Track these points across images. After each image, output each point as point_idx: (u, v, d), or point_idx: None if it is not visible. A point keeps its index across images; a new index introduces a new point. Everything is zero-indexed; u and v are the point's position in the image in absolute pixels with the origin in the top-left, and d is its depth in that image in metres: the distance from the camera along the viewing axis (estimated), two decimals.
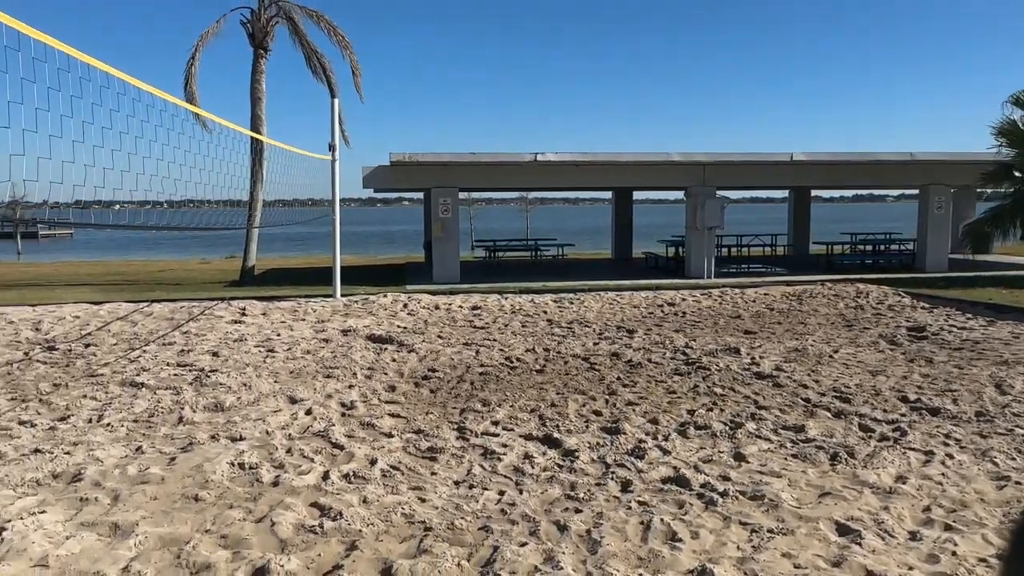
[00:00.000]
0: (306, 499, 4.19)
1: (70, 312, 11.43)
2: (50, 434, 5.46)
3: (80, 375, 7.35)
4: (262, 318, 10.73)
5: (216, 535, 3.70)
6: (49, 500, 4.18)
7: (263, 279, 17.27)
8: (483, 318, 10.60)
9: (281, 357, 8.01)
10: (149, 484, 4.39)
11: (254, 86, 16.88)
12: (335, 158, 12.62)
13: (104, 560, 3.41)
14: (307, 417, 5.82)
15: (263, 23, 16.92)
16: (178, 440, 5.28)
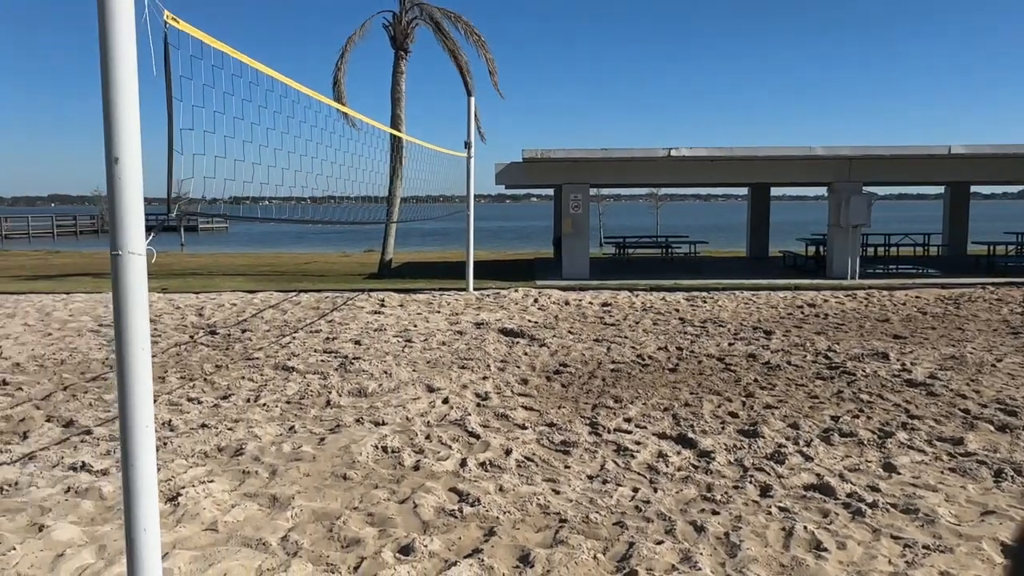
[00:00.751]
0: (445, 484, 4.35)
1: (228, 300, 12.36)
2: (214, 411, 5.94)
3: (238, 358, 7.93)
4: (400, 309, 11.17)
5: (364, 513, 3.91)
6: (216, 471, 4.56)
7: (399, 272, 17.97)
8: (613, 315, 10.55)
9: (418, 347, 8.32)
10: (302, 461, 4.70)
11: (394, 87, 17.55)
12: (471, 155, 12.92)
13: (265, 529, 3.69)
14: (444, 406, 6.02)
15: (404, 25, 17.56)
16: (326, 422, 5.61)
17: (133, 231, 2.70)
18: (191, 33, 3.15)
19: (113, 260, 2.70)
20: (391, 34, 17.70)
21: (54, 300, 12.59)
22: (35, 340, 8.95)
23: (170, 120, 2.99)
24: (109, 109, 2.64)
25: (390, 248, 17.72)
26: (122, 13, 2.63)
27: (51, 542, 3.55)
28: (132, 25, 2.67)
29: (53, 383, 6.90)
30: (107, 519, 3.87)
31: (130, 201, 2.68)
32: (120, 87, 2.64)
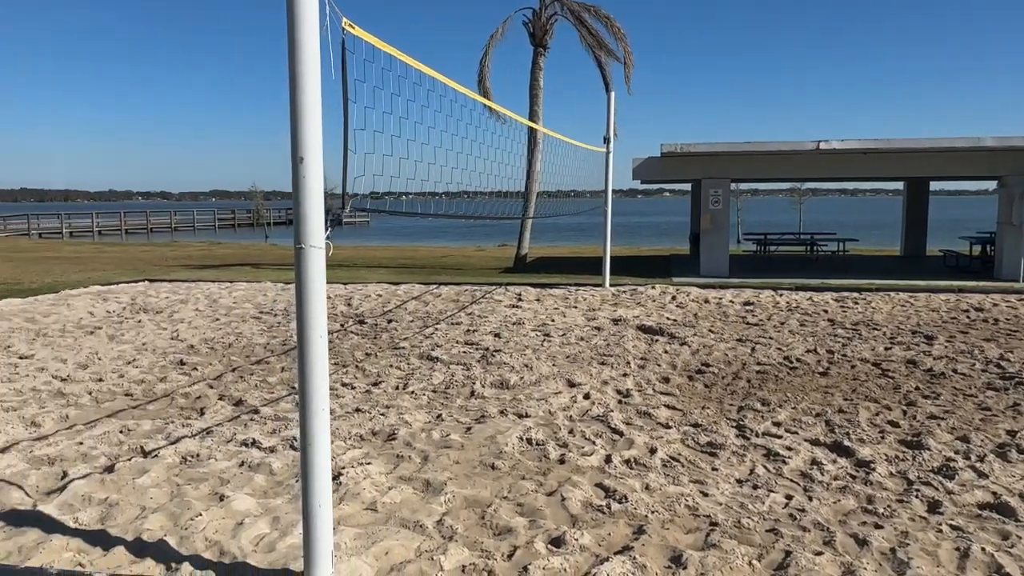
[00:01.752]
0: (591, 479, 4.37)
1: (374, 291, 12.94)
2: (366, 396, 6.24)
3: (385, 347, 8.30)
4: (536, 304, 11.29)
5: (513, 502, 4.00)
6: (372, 454, 4.80)
7: (534, 267, 18.16)
8: (756, 314, 10.20)
9: (557, 342, 8.39)
10: (451, 449, 4.86)
11: (533, 82, 17.76)
12: (609, 150, 12.86)
13: (421, 512, 3.85)
14: (586, 401, 6.04)
15: (543, 22, 17.71)
16: (471, 412, 5.77)
17: (315, 226, 2.89)
18: (364, 38, 3.32)
19: (296, 253, 2.90)
20: (530, 31, 17.90)
21: (219, 288, 13.64)
22: (205, 324, 9.74)
23: (346, 121, 3.17)
24: (296, 112, 2.83)
25: (526, 243, 17.97)
26: (308, 22, 2.81)
27: (231, 511, 3.87)
28: (316, 34, 2.85)
29: (223, 365, 7.49)
30: (278, 493, 4.16)
31: (313, 198, 2.87)
32: (305, 92, 2.82)
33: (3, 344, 8.45)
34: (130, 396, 6.33)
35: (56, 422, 5.59)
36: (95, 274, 17.00)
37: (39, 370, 7.18)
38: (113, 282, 14.67)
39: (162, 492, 4.18)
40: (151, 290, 13.38)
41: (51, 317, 10.35)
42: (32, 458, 4.76)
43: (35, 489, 4.27)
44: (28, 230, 52.22)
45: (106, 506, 3.97)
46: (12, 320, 10.09)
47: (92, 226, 56.10)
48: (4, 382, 6.72)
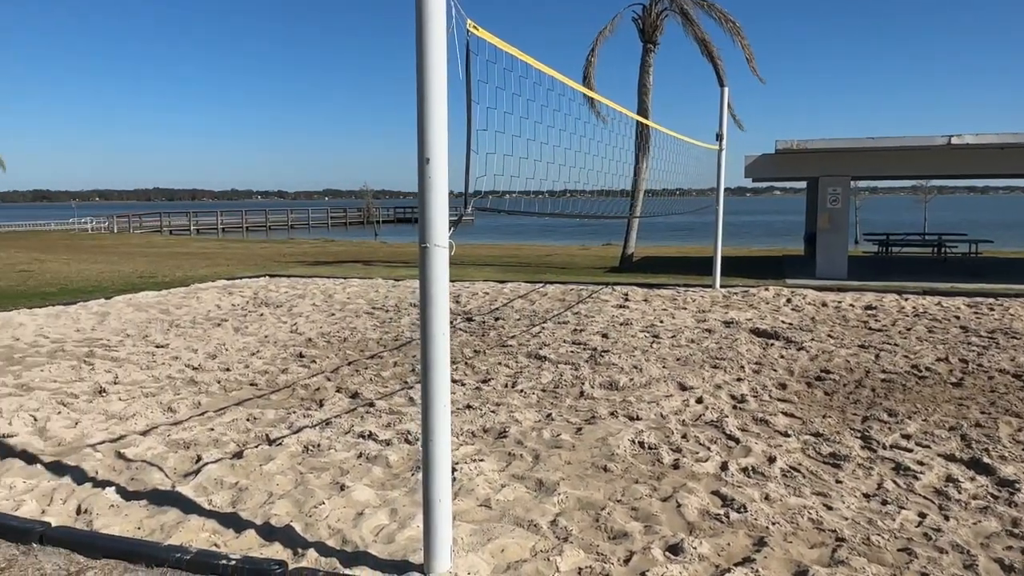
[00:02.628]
0: (707, 486, 4.25)
1: (480, 289, 13.11)
2: (476, 393, 6.32)
3: (493, 344, 8.38)
4: (644, 304, 11.13)
5: (627, 506, 3.95)
6: (484, 451, 4.85)
7: (640, 266, 17.92)
8: (880, 319, 9.67)
9: (666, 343, 8.23)
10: (562, 449, 4.85)
11: (642, 79, 17.51)
12: (722, 148, 12.51)
13: (535, 511, 3.85)
14: (699, 405, 5.89)
15: (653, 17, 17.43)
16: (581, 412, 5.73)
17: (439, 226, 2.93)
18: (488, 39, 3.34)
19: (421, 252, 2.95)
20: (640, 27, 17.66)
21: (334, 284, 14.16)
22: (322, 319, 10.13)
23: (469, 122, 3.20)
24: (422, 114, 2.88)
25: (632, 242, 17.76)
26: (435, 24, 2.86)
27: (352, 501, 4.00)
28: (443, 36, 2.89)
29: (339, 358, 7.76)
30: (395, 486, 4.27)
31: (438, 198, 2.91)
32: (432, 93, 2.87)
33: (142, 333, 9.08)
34: (255, 386, 6.65)
35: (189, 408, 5.94)
36: (220, 269, 18.01)
37: (173, 359, 7.66)
38: (237, 277, 15.49)
39: (287, 479, 4.37)
40: (271, 285, 14.05)
41: (182, 309, 11.04)
42: (169, 441, 5.08)
43: (173, 471, 4.55)
44: (160, 227, 56.01)
45: (236, 490, 4.19)
46: (149, 311, 10.82)
47: (216, 224, 59.54)
48: (144, 369, 7.21)
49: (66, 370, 7.16)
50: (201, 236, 50.24)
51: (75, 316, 10.35)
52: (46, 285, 14.81)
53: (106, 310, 10.91)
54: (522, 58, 3.82)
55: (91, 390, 6.44)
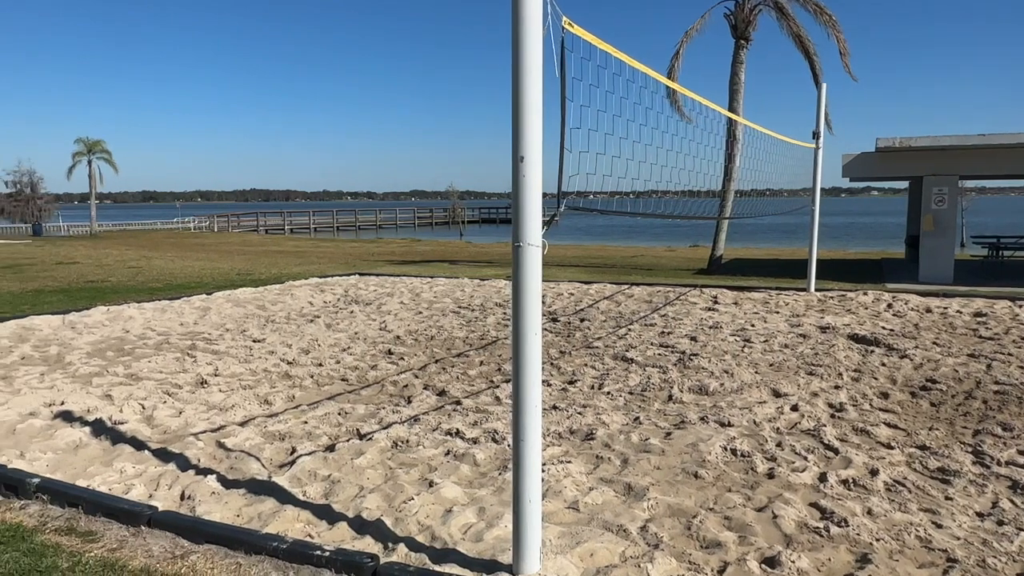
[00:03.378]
0: (804, 497, 4.08)
1: (566, 289, 13.05)
2: (563, 394, 6.28)
3: (579, 345, 8.31)
4: (734, 307, 10.83)
5: (720, 515, 3.83)
6: (571, 452, 4.81)
7: (729, 268, 17.47)
8: (991, 327, 9.10)
9: (758, 348, 7.97)
10: (651, 454, 4.75)
11: (733, 77, 17.06)
12: (818, 146, 12.05)
13: (624, 516, 3.78)
14: (794, 413, 5.67)
15: (746, 13, 16.96)
16: (670, 416, 5.61)
17: (532, 225, 2.91)
18: (583, 36, 3.30)
19: (514, 251, 2.94)
20: (731, 23, 17.22)
21: (421, 282, 14.39)
22: (409, 317, 10.30)
23: (563, 120, 3.17)
24: (517, 112, 2.87)
25: (721, 243, 17.33)
26: (532, 23, 2.84)
27: (440, 498, 4.02)
28: (540, 34, 2.86)
29: (426, 356, 7.87)
30: (482, 484, 4.28)
31: (531, 197, 2.89)
32: (527, 91, 2.85)
33: (240, 328, 9.45)
34: (346, 381, 6.81)
35: (284, 401, 6.13)
36: (313, 267, 18.59)
37: (269, 353, 7.93)
38: (328, 275, 15.94)
39: (377, 473, 4.45)
40: (361, 283, 14.40)
41: (278, 305, 11.43)
42: (266, 433, 5.25)
43: (269, 461, 4.70)
44: (256, 226, 58.34)
45: (329, 482, 4.29)
46: (247, 307, 11.26)
47: (309, 223, 61.59)
48: (242, 362, 7.49)
49: (171, 361, 7.52)
50: (294, 235, 52.06)
51: (179, 310, 10.87)
52: (153, 281, 15.64)
53: (207, 305, 11.42)
54: (615, 55, 3.77)
55: (194, 381, 6.73)
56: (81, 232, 47.22)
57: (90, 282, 15.30)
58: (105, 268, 18.71)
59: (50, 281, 15.41)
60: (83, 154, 49.53)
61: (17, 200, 48.11)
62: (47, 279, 15.84)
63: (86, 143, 49.47)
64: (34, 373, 7.02)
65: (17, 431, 5.32)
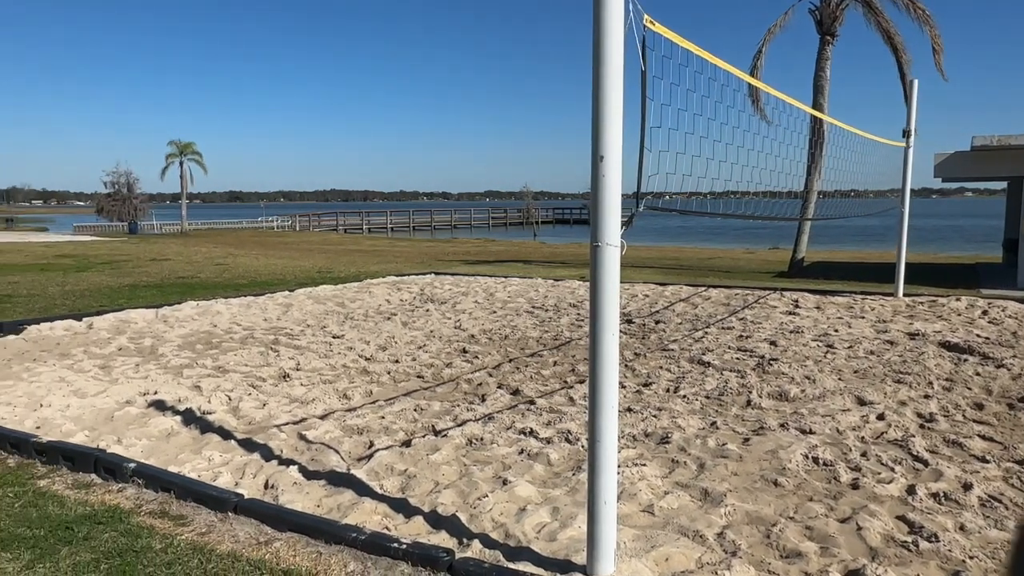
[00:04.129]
0: (891, 510, 3.92)
1: (640, 291, 12.91)
2: (637, 397, 6.21)
3: (655, 348, 8.21)
4: (816, 312, 10.50)
5: (800, 525, 3.72)
6: (646, 455, 4.76)
7: (811, 271, 16.94)
8: None
9: (842, 355, 7.70)
10: (728, 460, 4.65)
11: (818, 74, 16.55)
12: (909, 145, 11.56)
13: (700, 521, 3.72)
14: (880, 422, 5.46)
15: (832, 8, 16.42)
16: (748, 422, 5.48)
17: (612, 225, 2.89)
18: (664, 34, 3.26)
19: (593, 251, 2.93)
20: (817, 19, 16.70)
21: (495, 282, 14.48)
22: (484, 316, 10.38)
23: (643, 119, 3.14)
24: (597, 111, 2.86)
25: (803, 245, 16.83)
26: (613, 22, 2.82)
27: (514, 496, 4.04)
28: (621, 33, 2.85)
29: (500, 355, 7.91)
30: (556, 484, 4.28)
31: (611, 197, 2.88)
32: (608, 91, 2.84)
33: (320, 324, 9.72)
34: (421, 378, 6.92)
35: (362, 396, 6.28)
36: (390, 266, 18.96)
37: (348, 349, 8.13)
38: (405, 273, 16.23)
39: (452, 470, 4.50)
40: (436, 282, 14.60)
41: (356, 303, 11.71)
42: (345, 427, 5.39)
43: (348, 454, 4.81)
44: (336, 226, 59.88)
45: (405, 477, 4.37)
46: (326, 304, 11.57)
47: (386, 223, 62.83)
48: (322, 358, 7.71)
49: (255, 355, 7.79)
50: (372, 235, 53.19)
51: (263, 306, 11.27)
52: (239, 278, 16.24)
53: (289, 302, 11.79)
54: (697, 52, 3.71)
55: (276, 375, 6.96)
56: (172, 230, 49.47)
57: (181, 278, 16.01)
58: (194, 265, 19.55)
59: (144, 277, 16.20)
60: (175, 156, 51.91)
61: (115, 200, 50.77)
62: (142, 275, 16.66)
63: (178, 145, 51.83)
64: (130, 363, 7.40)
65: (115, 418, 5.62)
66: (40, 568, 3.32)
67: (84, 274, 16.58)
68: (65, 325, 9.37)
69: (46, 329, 9.13)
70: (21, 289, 13.48)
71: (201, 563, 3.34)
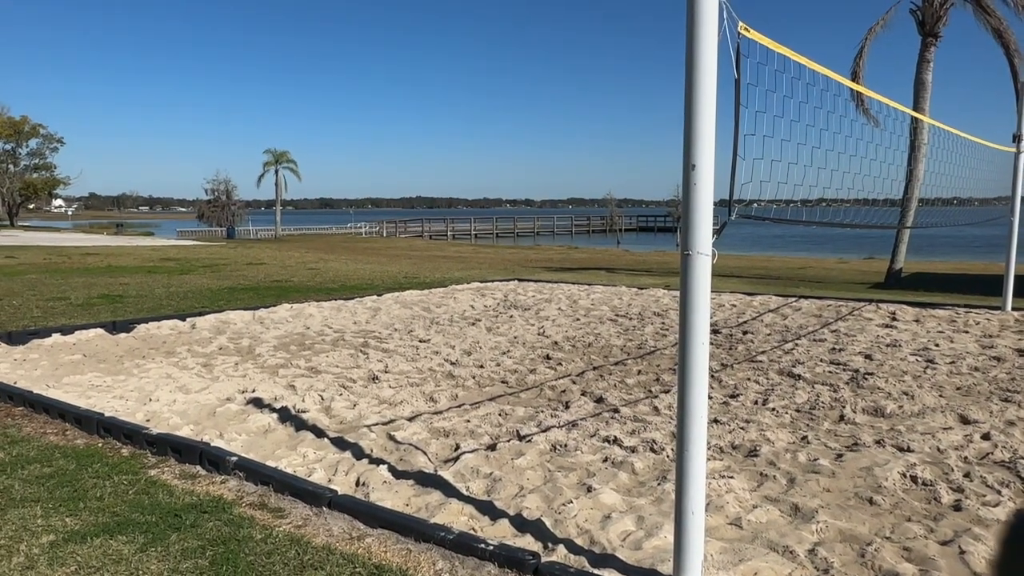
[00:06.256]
0: (997, 534, 3.73)
1: (727, 300, 12.66)
2: (724, 408, 6.11)
3: (742, 359, 8.04)
4: (915, 325, 10.05)
5: (898, 545, 3.58)
6: (733, 468, 4.68)
7: (910, 282, 16.21)
8: None
9: (943, 370, 7.35)
10: (820, 475, 4.52)
11: (918, 77, 15.86)
12: (1020, 150, 10.93)
13: (790, 537, 3.63)
14: (985, 442, 5.19)
15: (935, 7, 15.71)
16: (841, 438, 5.31)
17: (703, 233, 2.88)
18: (759, 41, 3.23)
19: (683, 259, 2.92)
20: (919, 19, 16.02)
21: (578, 289, 14.48)
22: (567, 323, 10.40)
23: (736, 126, 3.11)
24: (690, 119, 2.85)
25: (901, 255, 16.14)
26: (707, 28, 2.82)
27: (599, 503, 4.05)
28: (715, 40, 2.84)
29: (584, 362, 7.92)
30: (640, 493, 4.26)
31: (703, 205, 2.87)
32: (701, 98, 2.83)
33: (407, 328, 9.95)
34: (506, 384, 7.00)
35: (448, 400, 6.40)
36: (474, 272, 19.21)
37: (434, 353, 8.30)
38: (488, 280, 16.42)
39: (536, 475, 4.54)
40: (520, 288, 14.70)
41: (442, 308, 11.93)
42: (432, 429, 5.51)
43: (435, 456, 4.93)
44: (421, 232, 61.08)
45: (491, 480, 4.43)
46: (413, 309, 11.83)
47: (470, 230, 63.66)
48: (409, 361, 7.90)
49: (346, 357, 8.05)
50: (456, 241, 53.97)
51: (352, 310, 11.62)
52: (329, 282, 16.80)
53: (377, 306, 12.12)
54: (794, 58, 3.64)
55: (366, 376, 7.18)
56: (267, 235, 51.55)
57: (275, 281, 16.68)
58: (288, 269, 20.32)
59: (241, 279, 16.96)
60: (271, 164, 54.12)
61: (215, 206, 53.34)
62: (239, 277, 17.44)
63: (274, 154, 54.02)
64: (229, 362, 7.77)
65: (217, 413, 5.92)
66: (152, 551, 3.54)
67: (187, 276, 17.49)
68: (171, 324, 9.92)
69: (154, 328, 9.69)
70: (131, 290, 14.34)
71: (298, 554, 3.49)
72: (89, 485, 4.37)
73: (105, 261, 21.94)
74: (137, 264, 21.19)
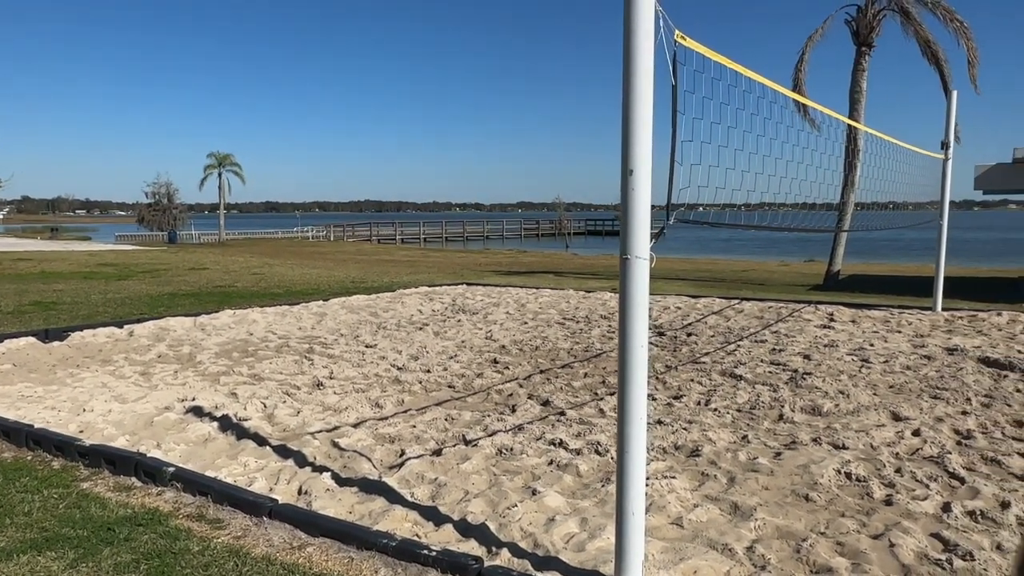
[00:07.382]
0: (925, 527, 3.87)
1: (672, 303, 12.86)
2: (668, 409, 6.20)
3: (686, 360, 8.18)
4: (852, 326, 10.36)
5: (832, 540, 3.69)
6: (675, 468, 4.75)
7: (847, 284, 16.72)
8: None
9: (877, 369, 7.60)
10: (759, 474, 4.62)
11: (854, 85, 16.39)
12: (947, 157, 11.39)
13: (729, 535, 3.71)
14: (915, 438, 5.38)
15: (869, 18, 16.27)
16: (780, 436, 5.44)
17: (640, 238, 2.92)
18: (696, 49, 3.30)
19: (622, 263, 2.96)
20: (853, 29, 16.56)
21: (526, 293, 14.53)
22: (515, 327, 10.42)
23: (674, 133, 3.17)
24: (627, 125, 2.90)
25: (839, 258, 16.62)
26: (643, 38, 2.86)
27: (543, 506, 4.07)
28: (651, 49, 2.89)
29: (531, 366, 7.95)
30: (585, 495, 4.29)
31: (640, 210, 2.91)
32: (638, 106, 2.88)
33: (353, 333, 9.85)
34: (453, 388, 6.98)
35: (394, 405, 6.35)
36: (422, 276, 19.12)
37: (380, 358, 8.23)
38: (437, 284, 16.35)
39: (482, 479, 4.54)
40: (468, 292, 14.68)
41: (389, 312, 11.84)
42: (377, 435, 5.46)
43: (380, 462, 4.88)
44: (370, 236, 60.50)
45: (436, 485, 4.42)
46: (360, 314, 11.72)
47: (419, 233, 63.31)
48: (356, 367, 7.81)
49: (290, 363, 7.93)
50: (405, 245, 53.63)
51: (297, 315, 11.45)
52: (274, 287, 16.51)
53: (323, 311, 11.96)
54: (730, 66, 3.73)
55: (311, 383, 7.08)
56: (210, 240, 50.41)
57: (218, 287, 16.32)
58: (231, 274, 19.91)
59: (183, 285, 16.55)
60: (214, 167, 52.95)
61: (156, 209, 51.92)
62: (180, 283, 17.02)
63: (217, 157, 52.87)
64: (169, 370, 7.58)
65: (154, 423, 5.76)
66: (83, 567, 3.43)
67: (125, 282, 16.99)
68: (107, 332, 9.62)
69: (89, 336, 9.38)
70: (66, 296, 13.86)
71: (237, 566, 3.42)
72: (16, 500, 4.21)
73: (38, 267, 21.18)
74: (72, 270, 20.50)
